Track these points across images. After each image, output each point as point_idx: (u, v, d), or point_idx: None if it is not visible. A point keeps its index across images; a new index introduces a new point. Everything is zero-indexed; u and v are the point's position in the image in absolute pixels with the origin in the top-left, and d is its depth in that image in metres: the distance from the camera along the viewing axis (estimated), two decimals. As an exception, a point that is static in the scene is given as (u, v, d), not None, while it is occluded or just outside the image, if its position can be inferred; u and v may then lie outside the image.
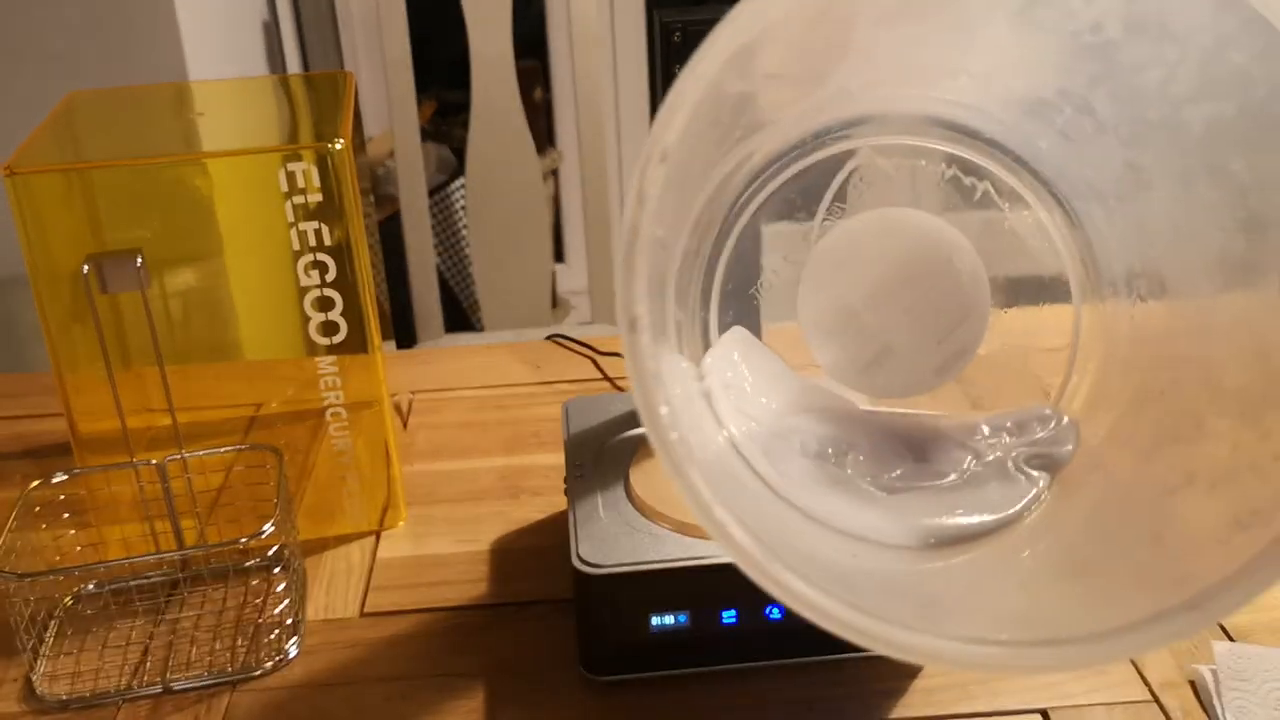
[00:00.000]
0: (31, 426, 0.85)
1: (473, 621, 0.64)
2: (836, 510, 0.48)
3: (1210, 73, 0.39)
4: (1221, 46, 0.37)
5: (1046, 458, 0.51)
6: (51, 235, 0.62)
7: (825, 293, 0.53)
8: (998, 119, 0.49)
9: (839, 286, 0.53)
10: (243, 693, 0.59)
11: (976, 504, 0.48)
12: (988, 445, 0.52)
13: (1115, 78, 0.42)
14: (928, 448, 0.52)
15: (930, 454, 0.52)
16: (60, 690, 0.60)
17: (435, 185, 2.05)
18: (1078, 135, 0.46)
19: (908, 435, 0.52)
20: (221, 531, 0.69)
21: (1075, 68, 0.42)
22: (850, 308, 0.53)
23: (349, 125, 0.65)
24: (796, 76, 0.43)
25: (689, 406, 0.46)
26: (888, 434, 0.52)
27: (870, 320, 0.53)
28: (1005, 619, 0.40)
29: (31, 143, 0.64)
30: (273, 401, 0.71)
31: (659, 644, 0.57)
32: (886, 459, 0.51)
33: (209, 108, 0.73)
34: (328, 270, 0.64)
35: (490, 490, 0.75)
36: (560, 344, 0.93)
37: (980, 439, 0.52)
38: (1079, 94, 0.44)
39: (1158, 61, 0.39)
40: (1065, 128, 0.46)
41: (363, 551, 0.70)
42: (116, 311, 0.64)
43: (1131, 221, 0.48)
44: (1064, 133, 0.47)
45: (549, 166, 2.25)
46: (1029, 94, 0.46)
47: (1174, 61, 0.39)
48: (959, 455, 0.51)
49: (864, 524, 0.48)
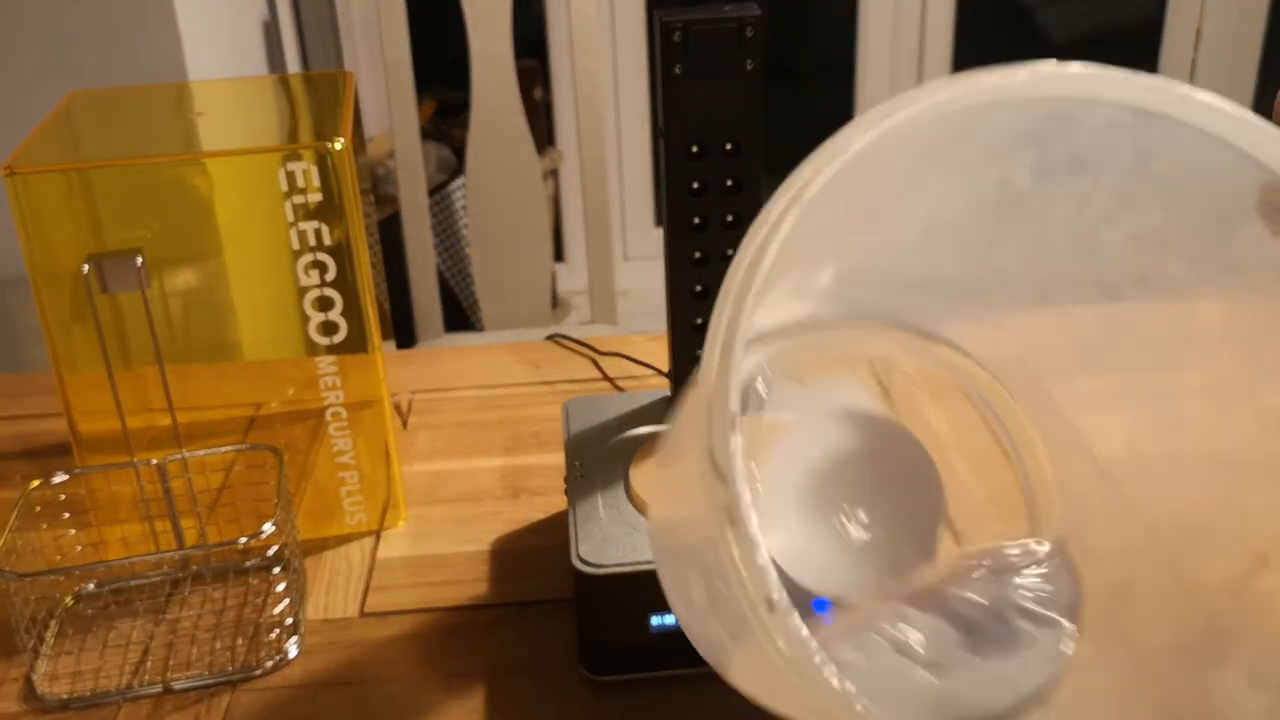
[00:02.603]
0: (31, 426, 0.85)
1: (473, 621, 0.64)
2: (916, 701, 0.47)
3: (1127, 191, 0.38)
4: (1142, 162, 0.37)
5: (1048, 599, 0.49)
6: (51, 235, 0.62)
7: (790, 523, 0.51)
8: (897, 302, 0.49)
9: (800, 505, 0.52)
10: (243, 692, 0.59)
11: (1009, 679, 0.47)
12: (984, 593, 0.50)
13: (1020, 228, 0.41)
14: (934, 608, 0.50)
15: (938, 614, 0.50)
16: (61, 690, 0.60)
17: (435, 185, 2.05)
18: (968, 283, 0.46)
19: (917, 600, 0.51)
20: (221, 531, 0.69)
21: (973, 238, 0.42)
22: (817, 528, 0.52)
23: (349, 125, 0.65)
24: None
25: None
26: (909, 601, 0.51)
27: (840, 535, 0.52)
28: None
29: (31, 143, 0.64)
30: (272, 401, 0.71)
31: (659, 644, 0.57)
32: (937, 641, 0.50)
33: (209, 108, 0.73)
34: (328, 270, 0.64)
35: (490, 490, 0.75)
36: (560, 344, 0.93)
37: (973, 583, 0.50)
38: (975, 249, 0.43)
39: (1066, 197, 0.39)
40: (954, 283, 0.46)
41: (363, 551, 0.70)
42: (116, 311, 0.64)
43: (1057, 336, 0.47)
44: (950, 287, 0.46)
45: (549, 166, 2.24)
46: (922, 274, 0.45)
47: (1085, 191, 0.39)
48: (965, 613, 0.50)
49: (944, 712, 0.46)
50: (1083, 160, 0.37)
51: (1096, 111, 0.34)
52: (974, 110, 0.32)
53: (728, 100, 0.57)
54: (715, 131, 0.58)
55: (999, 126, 0.34)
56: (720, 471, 0.30)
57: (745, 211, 0.60)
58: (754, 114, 0.58)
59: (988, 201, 0.39)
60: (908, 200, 0.38)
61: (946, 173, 0.37)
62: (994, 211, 0.40)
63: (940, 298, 0.48)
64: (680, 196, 0.59)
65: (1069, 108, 0.34)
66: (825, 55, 2.49)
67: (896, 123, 0.31)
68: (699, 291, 0.62)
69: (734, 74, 0.57)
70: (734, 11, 0.56)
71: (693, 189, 0.59)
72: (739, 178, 0.59)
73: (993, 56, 0.41)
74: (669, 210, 0.60)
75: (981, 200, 0.39)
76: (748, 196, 0.60)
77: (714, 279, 0.62)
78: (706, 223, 0.60)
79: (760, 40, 0.56)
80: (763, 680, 0.35)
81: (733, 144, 0.58)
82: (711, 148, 0.58)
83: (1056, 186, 0.39)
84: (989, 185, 0.39)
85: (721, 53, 0.56)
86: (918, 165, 0.35)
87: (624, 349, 0.90)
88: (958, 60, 2.30)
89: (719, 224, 0.60)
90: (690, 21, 0.56)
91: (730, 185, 0.59)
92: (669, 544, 0.43)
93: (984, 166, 0.37)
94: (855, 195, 0.33)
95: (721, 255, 0.61)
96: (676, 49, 0.56)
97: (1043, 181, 0.39)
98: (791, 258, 0.32)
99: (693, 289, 0.62)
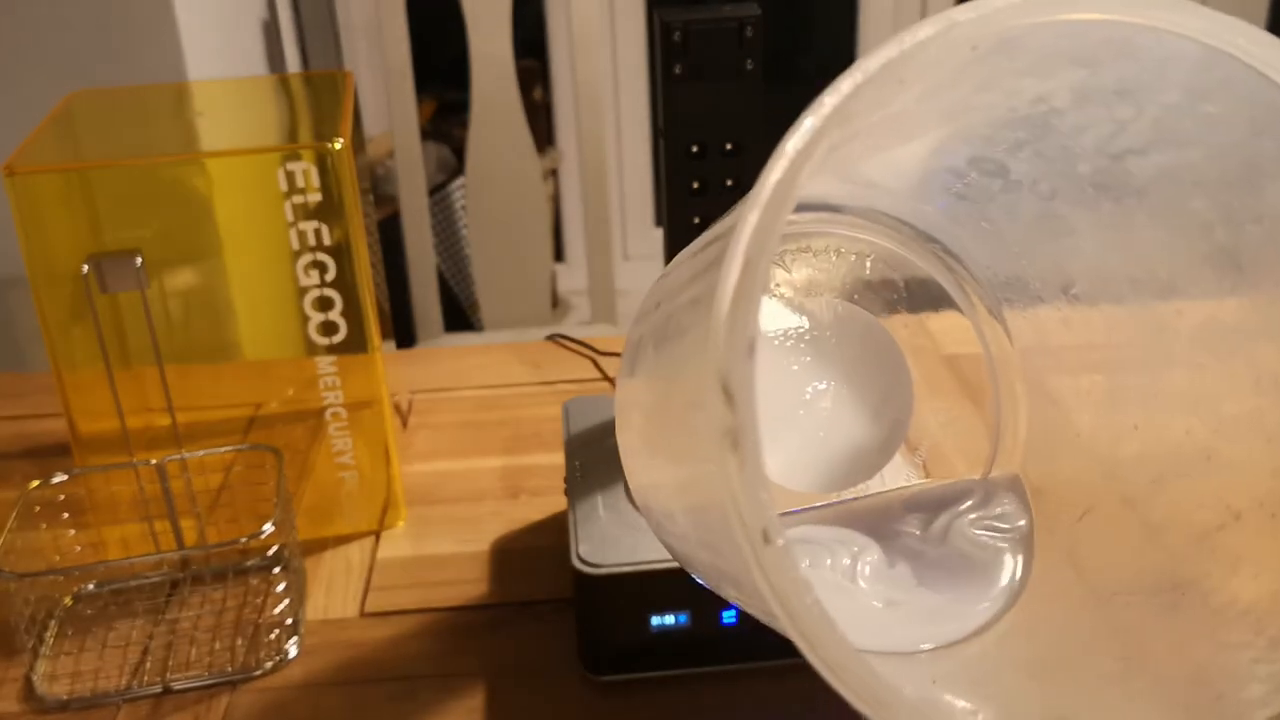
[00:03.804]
0: (31, 426, 0.85)
1: (473, 621, 0.64)
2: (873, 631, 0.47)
3: (1169, 125, 0.37)
4: (1193, 100, 0.36)
5: (1002, 533, 0.49)
6: (51, 235, 0.62)
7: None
8: (887, 190, 0.48)
9: (766, 386, 0.51)
10: (243, 693, 0.59)
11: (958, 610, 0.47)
12: (938, 525, 0.50)
13: (1044, 140, 0.40)
14: (887, 538, 0.50)
15: (890, 545, 0.50)
16: (60, 690, 0.60)
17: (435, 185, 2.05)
18: (978, 195, 0.44)
19: (870, 527, 0.51)
20: (221, 531, 0.69)
21: (997, 136, 0.41)
22: (785, 412, 0.52)
23: (349, 125, 0.65)
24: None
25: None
26: (861, 528, 0.51)
27: (805, 417, 0.51)
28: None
29: (31, 143, 0.64)
30: (272, 401, 0.71)
31: (659, 644, 0.57)
32: (880, 564, 0.49)
33: (209, 108, 0.73)
34: (327, 270, 0.64)
35: (490, 490, 0.75)
36: (560, 344, 0.93)
37: (923, 517, 0.50)
38: (994, 159, 0.42)
39: (1104, 121, 0.38)
40: (963, 190, 0.45)
41: (363, 551, 0.70)
42: (116, 311, 0.64)
43: (1049, 262, 0.47)
44: (960, 194, 0.45)
45: (549, 166, 2.25)
46: (930, 165, 0.44)
47: (1125, 119, 0.37)
48: (915, 545, 0.50)
49: (892, 643, 0.46)
50: (1131, 89, 0.36)
51: (1160, 41, 0.32)
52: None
53: (728, 100, 0.57)
54: (715, 131, 0.58)
55: (1050, 42, 0.33)
56: (731, 396, 0.29)
57: (745, 211, 0.60)
58: (754, 114, 0.58)
59: (1019, 112, 0.39)
60: (936, 100, 0.37)
61: (984, 80, 0.36)
62: (1022, 123, 0.39)
63: (947, 206, 0.47)
64: (680, 196, 0.59)
65: (1130, 32, 0.32)
66: (825, 55, 2.49)
67: (959, 36, 0.30)
68: (699, 291, 0.62)
69: (734, 74, 0.57)
70: (734, 11, 0.56)
71: (693, 189, 0.59)
72: (739, 178, 0.59)
73: (993, 56, 0.41)
74: (669, 210, 0.60)
75: (1013, 110, 0.39)
76: (748, 196, 0.60)
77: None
78: (706, 223, 0.60)
79: (760, 40, 0.56)
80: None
81: (733, 144, 0.58)
82: (711, 148, 0.58)
83: (1095, 108, 0.38)
84: (1025, 98, 0.38)
85: (721, 53, 0.56)
86: (958, 70, 0.33)
87: (624, 349, 0.90)
88: (958, 60, 2.30)
89: (719, 224, 0.60)
90: (690, 21, 0.56)
91: (730, 185, 0.59)
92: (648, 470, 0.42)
93: (1025, 79, 0.36)
94: (889, 97, 0.32)
95: (721, 255, 0.61)
96: (676, 49, 0.56)
97: (1081, 104, 0.38)
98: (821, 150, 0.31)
99: (693, 289, 0.62)
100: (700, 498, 0.34)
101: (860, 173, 0.45)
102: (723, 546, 0.32)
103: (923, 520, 0.49)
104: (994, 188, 0.44)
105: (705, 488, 0.31)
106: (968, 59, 0.31)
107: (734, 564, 0.31)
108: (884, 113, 0.32)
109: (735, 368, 0.29)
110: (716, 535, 0.32)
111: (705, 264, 0.36)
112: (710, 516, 0.32)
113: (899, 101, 0.31)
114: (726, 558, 0.32)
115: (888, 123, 0.36)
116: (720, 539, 0.32)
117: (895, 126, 0.38)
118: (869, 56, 0.30)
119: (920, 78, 0.30)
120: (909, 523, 0.49)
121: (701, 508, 0.34)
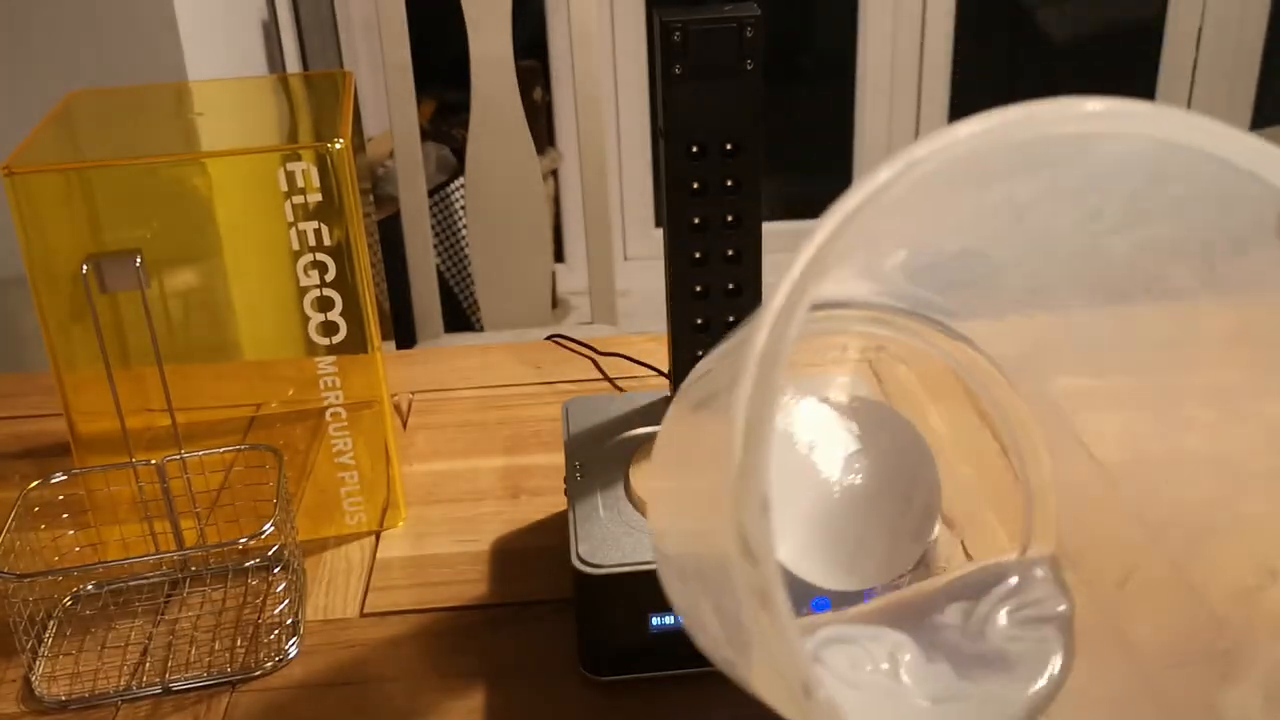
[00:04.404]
0: (31, 426, 0.85)
1: (473, 621, 0.64)
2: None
3: (1139, 206, 0.38)
4: (1157, 183, 0.36)
5: (1041, 618, 0.48)
6: (51, 235, 0.62)
7: (786, 512, 0.51)
8: (884, 286, 0.48)
9: (792, 500, 0.51)
10: (242, 693, 0.59)
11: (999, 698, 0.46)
12: (977, 616, 0.49)
13: (1018, 229, 0.40)
14: (924, 631, 0.50)
15: (927, 640, 0.50)
16: (59, 691, 0.60)
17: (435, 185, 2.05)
18: (969, 278, 0.45)
19: (909, 620, 0.51)
20: (221, 531, 0.69)
21: (976, 229, 0.42)
22: (818, 512, 0.52)
23: (349, 125, 0.65)
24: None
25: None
26: (899, 622, 0.51)
27: (839, 515, 0.51)
28: None
29: (31, 143, 0.64)
30: (272, 401, 0.71)
31: (659, 644, 0.57)
32: (919, 660, 0.49)
33: (209, 108, 0.73)
34: (327, 270, 0.64)
35: (490, 490, 0.75)
36: (560, 344, 0.93)
37: (963, 606, 0.49)
38: (976, 249, 0.43)
39: (1075, 208, 0.39)
40: (949, 278, 0.45)
41: (362, 551, 0.70)
42: (116, 311, 0.64)
43: (1030, 339, 0.47)
44: (947, 281, 0.46)
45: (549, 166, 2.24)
46: (919, 260, 0.45)
47: (1095, 205, 0.38)
48: (953, 639, 0.49)
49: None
50: (1095, 180, 0.37)
51: (1116, 140, 0.34)
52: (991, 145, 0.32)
53: (728, 100, 0.57)
54: (715, 131, 0.58)
55: (1015, 158, 0.34)
56: (753, 554, 0.29)
57: (745, 211, 0.60)
58: (754, 114, 0.58)
59: (989, 211, 0.39)
60: (909, 218, 0.38)
61: (951, 194, 0.37)
62: (994, 218, 0.40)
63: (938, 292, 0.48)
64: (680, 196, 0.59)
65: (1094, 139, 0.33)
66: (825, 55, 2.49)
67: (925, 171, 0.31)
68: (699, 291, 0.62)
69: (734, 74, 0.57)
70: (734, 11, 0.56)
71: (693, 189, 0.59)
72: (739, 178, 0.59)
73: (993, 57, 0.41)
74: (669, 210, 0.60)
75: (981, 210, 0.39)
76: (748, 196, 0.60)
77: (714, 279, 0.62)
78: (706, 223, 0.60)
79: (760, 40, 0.56)
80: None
81: (733, 144, 0.58)
82: (711, 148, 0.58)
83: (1064, 200, 0.38)
84: (992, 201, 0.38)
85: (721, 53, 0.56)
86: (924, 195, 0.34)
87: (624, 349, 0.90)
88: (958, 60, 2.30)
89: (719, 224, 0.60)
90: (690, 21, 0.56)
91: (730, 185, 0.59)
92: (678, 566, 0.42)
93: (991, 188, 0.37)
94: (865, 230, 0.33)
95: (722, 255, 0.61)
96: (676, 49, 0.56)
97: (1051, 198, 0.38)
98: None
99: (693, 289, 0.62)
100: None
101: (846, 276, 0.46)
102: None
103: (963, 610, 0.49)
104: (979, 269, 0.44)
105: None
106: (931, 189, 0.32)
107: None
108: (859, 238, 0.33)
109: (753, 527, 0.29)
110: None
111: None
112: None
113: (869, 229, 0.32)
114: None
115: (866, 243, 0.37)
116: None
117: (875, 244, 0.39)
118: (837, 205, 0.31)
119: (887, 214, 0.31)
120: (949, 614, 0.49)
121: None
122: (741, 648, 0.35)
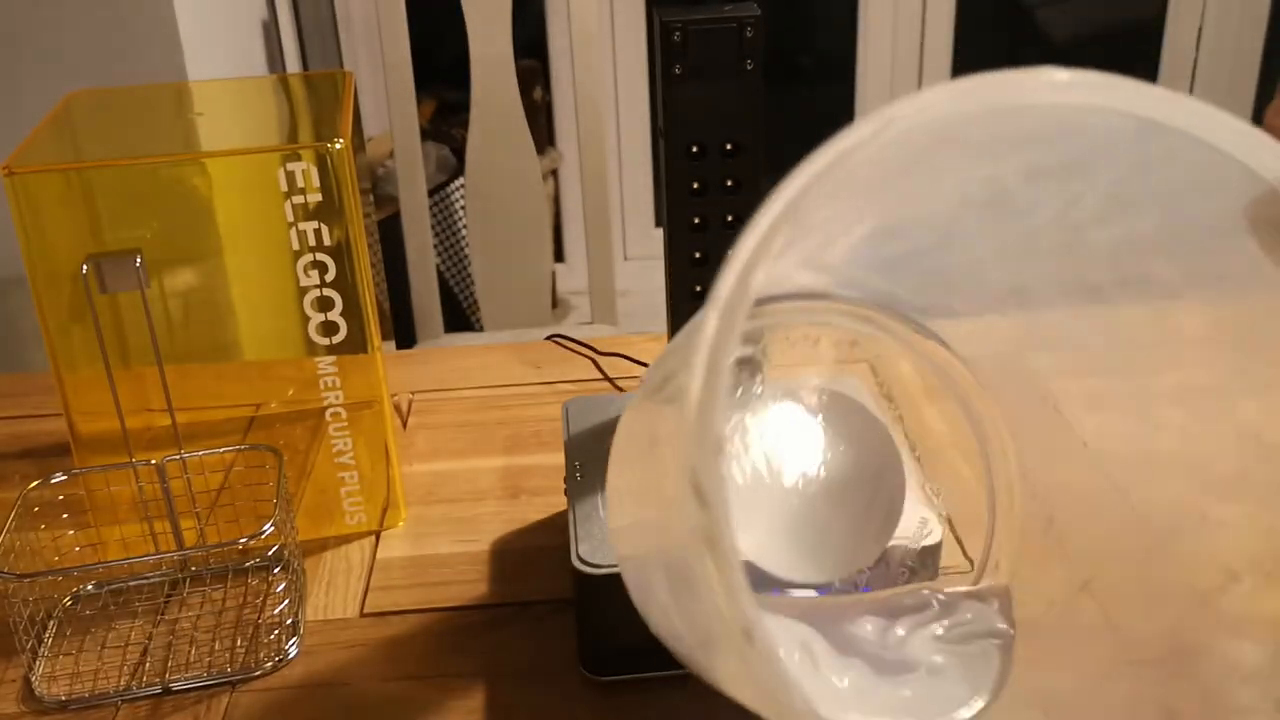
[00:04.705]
0: (31, 426, 0.85)
1: (473, 621, 0.64)
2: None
3: (1121, 195, 0.37)
4: (1140, 171, 0.36)
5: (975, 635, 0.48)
6: (51, 235, 0.62)
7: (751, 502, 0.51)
8: (851, 280, 0.48)
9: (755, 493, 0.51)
10: (242, 693, 0.59)
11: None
12: (893, 635, 0.48)
13: (1001, 220, 0.40)
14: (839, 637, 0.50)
15: (841, 643, 0.49)
16: (59, 691, 0.60)
17: (435, 185, 2.05)
18: (944, 271, 0.45)
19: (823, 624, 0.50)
20: (221, 532, 0.69)
21: (956, 219, 0.41)
22: (779, 504, 0.51)
23: (349, 125, 0.65)
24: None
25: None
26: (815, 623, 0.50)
27: (800, 507, 0.51)
28: None
29: (31, 143, 0.64)
30: (272, 401, 0.71)
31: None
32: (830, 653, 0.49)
33: (208, 108, 0.73)
34: (327, 270, 0.64)
35: (490, 490, 0.75)
36: (560, 344, 0.93)
37: (879, 622, 0.49)
38: (954, 237, 0.42)
39: (1057, 197, 0.39)
40: (928, 270, 0.45)
41: (362, 551, 0.70)
42: (116, 311, 0.64)
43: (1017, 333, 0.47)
44: (926, 273, 0.46)
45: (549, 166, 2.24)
46: (892, 251, 0.45)
47: (1077, 192, 0.38)
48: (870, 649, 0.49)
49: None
50: (1078, 164, 0.37)
51: (1101, 119, 0.34)
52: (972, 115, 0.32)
53: (728, 100, 0.57)
54: (715, 131, 0.58)
55: (994, 128, 0.34)
56: (703, 496, 0.29)
57: (745, 211, 0.60)
58: (754, 114, 0.58)
59: (972, 197, 0.39)
60: (891, 192, 0.38)
61: (933, 170, 0.37)
62: (977, 206, 0.40)
63: (915, 287, 0.47)
64: (680, 196, 0.59)
65: (1072, 113, 0.33)
66: (825, 55, 2.49)
67: (896, 132, 0.31)
68: (699, 292, 0.62)
69: (734, 74, 0.57)
70: (734, 11, 0.56)
71: (693, 189, 0.59)
72: (739, 178, 0.59)
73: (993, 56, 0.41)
74: (669, 210, 0.60)
75: (966, 196, 0.39)
76: (747, 196, 0.60)
77: (714, 279, 0.62)
78: (706, 223, 0.60)
79: (760, 40, 0.56)
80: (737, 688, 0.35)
81: (733, 144, 0.58)
82: (711, 148, 0.58)
83: (1047, 186, 0.38)
84: (976, 182, 0.38)
85: (721, 53, 0.56)
86: (906, 165, 0.34)
87: (624, 349, 0.90)
88: (958, 60, 2.30)
89: (719, 224, 0.60)
90: (690, 21, 0.56)
91: (730, 185, 0.59)
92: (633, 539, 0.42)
93: (973, 164, 0.37)
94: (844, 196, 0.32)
95: (722, 255, 0.61)
96: (676, 49, 0.56)
97: (1033, 181, 0.38)
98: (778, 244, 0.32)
99: (693, 289, 0.62)
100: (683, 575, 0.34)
101: (823, 260, 0.45)
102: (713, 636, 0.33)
103: (880, 626, 0.48)
104: (958, 263, 0.44)
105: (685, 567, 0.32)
106: (910, 152, 0.32)
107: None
108: (836, 206, 0.33)
109: (704, 467, 0.29)
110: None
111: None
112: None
113: (848, 196, 0.32)
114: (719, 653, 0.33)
115: (843, 214, 0.36)
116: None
117: (851, 216, 0.39)
118: (814, 156, 0.31)
119: (866, 174, 0.31)
120: (861, 626, 0.48)
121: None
122: (706, 645, 0.35)
